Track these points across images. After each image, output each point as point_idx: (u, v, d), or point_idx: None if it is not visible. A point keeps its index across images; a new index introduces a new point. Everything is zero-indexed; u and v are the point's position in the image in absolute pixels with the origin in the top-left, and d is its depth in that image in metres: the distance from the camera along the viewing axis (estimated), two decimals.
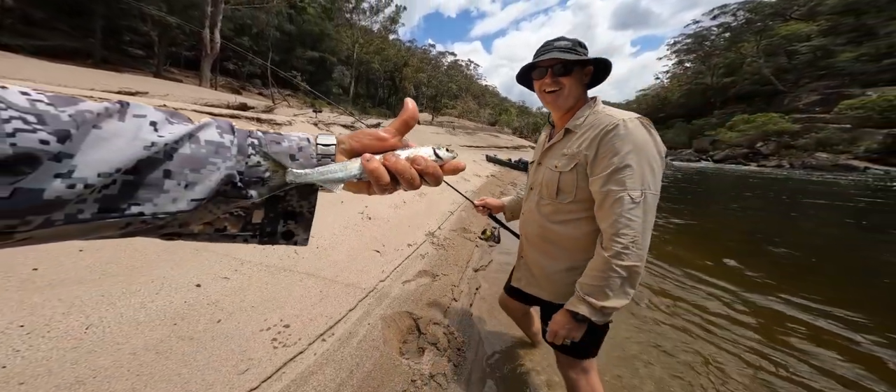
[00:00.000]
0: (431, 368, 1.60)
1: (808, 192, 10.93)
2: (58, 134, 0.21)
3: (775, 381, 1.81)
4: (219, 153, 0.30)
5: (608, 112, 0.98)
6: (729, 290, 2.96)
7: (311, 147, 0.35)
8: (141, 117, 0.26)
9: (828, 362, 1.99)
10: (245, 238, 0.35)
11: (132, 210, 0.25)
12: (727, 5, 46.05)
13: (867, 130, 22.01)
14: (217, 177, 0.29)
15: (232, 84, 26.29)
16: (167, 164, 0.27)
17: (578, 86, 1.03)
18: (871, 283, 3.35)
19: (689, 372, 1.83)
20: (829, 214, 7.31)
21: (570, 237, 1.04)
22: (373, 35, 47.00)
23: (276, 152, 0.33)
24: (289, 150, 0.34)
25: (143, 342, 1.28)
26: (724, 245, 4.49)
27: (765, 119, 29.78)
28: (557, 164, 1.04)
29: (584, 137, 0.98)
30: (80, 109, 0.23)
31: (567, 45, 1.02)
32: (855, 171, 18.21)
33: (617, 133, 0.90)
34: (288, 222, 0.37)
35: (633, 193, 0.88)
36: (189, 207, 0.28)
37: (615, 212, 0.89)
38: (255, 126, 5.56)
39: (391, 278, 2.33)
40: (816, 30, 34.82)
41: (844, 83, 30.52)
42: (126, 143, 0.24)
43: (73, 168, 0.22)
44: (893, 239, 5.25)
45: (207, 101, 6.54)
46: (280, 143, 0.34)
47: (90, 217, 0.24)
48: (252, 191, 0.32)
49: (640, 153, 0.89)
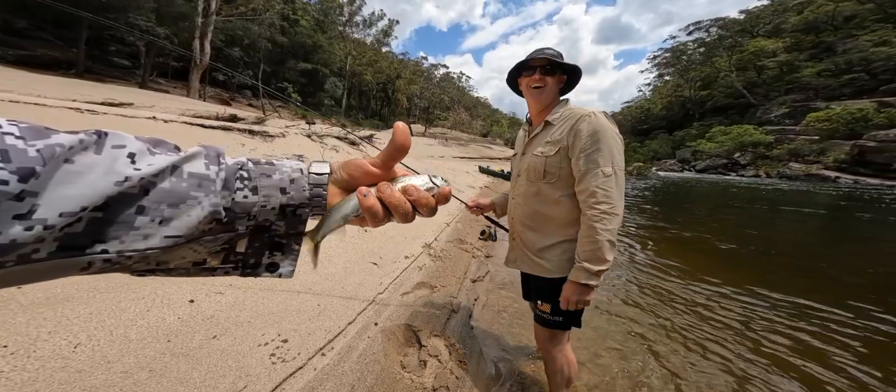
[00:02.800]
0: (434, 381, 1.59)
1: (785, 200, 11.44)
2: (20, 172, 0.20)
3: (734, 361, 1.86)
4: (202, 187, 0.28)
5: (579, 108, 1.19)
6: (711, 288, 3.05)
7: (303, 178, 0.33)
8: (119, 148, 0.25)
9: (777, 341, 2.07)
10: (226, 271, 0.33)
11: (95, 248, 0.23)
12: (701, 21, 48.76)
13: (835, 142, 23.42)
14: (198, 213, 0.27)
15: (221, 95, 26.00)
16: (142, 199, 0.25)
17: (556, 87, 1.24)
18: (839, 280, 3.52)
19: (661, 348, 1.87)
20: (806, 222, 7.66)
21: (555, 215, 1.20)
22: (366, 47, 47.57)
23: (266, 186, 0.31)
24: (279, 182, 0.32)
25: (135, 360, 1.23)
26: (710, 249, 4.65)
27: (740, 131, 31.30)
28: (543, 150, 1.21)
29: (564, 126, 1.17)
30: (50, 143, 0.21)
31: (554, 54, 1.23)
32: (827, 181, 19.21)
33: (589, 122, 1.11)
34: (273, 254, 0.34)
35: (606, 169, 1.08)
36: (162, 245, 0.26)
37: (592, 185, 1.08)
38: (247, 138, 5.49)
39: (389, 291, 2.31)
40: (781, 46, 37.26)
41: (810, 97, 32.59)
42: (97, 178, 0.23)
43: (34, 208, 0.20)
44: (859, 247, 5.52)
45: (196, 113, 6.44)
46: (271, 175, 0.32)
47: (46, 256, 0.22)
48: (239, 225, 0.30)
49: (608, 137, 1.10)
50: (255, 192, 0.31)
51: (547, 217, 1.22)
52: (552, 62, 1.19)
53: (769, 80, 38.61)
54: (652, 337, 2.25)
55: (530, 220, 1.26)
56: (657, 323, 2.46)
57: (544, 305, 1.26)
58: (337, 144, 7.33)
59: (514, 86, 1.34)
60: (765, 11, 44.95)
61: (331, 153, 6.52)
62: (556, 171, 1.17)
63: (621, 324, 2.42)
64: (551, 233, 1.21)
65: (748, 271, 3.78)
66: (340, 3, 41.97)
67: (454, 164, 14.52)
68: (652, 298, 2.93)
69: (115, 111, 5.31)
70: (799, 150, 25.37)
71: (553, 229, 1.21)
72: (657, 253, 4.41)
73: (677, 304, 2.82)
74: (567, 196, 1.17)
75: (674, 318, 2.55)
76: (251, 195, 0.30)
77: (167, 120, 5.20)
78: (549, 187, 1.20)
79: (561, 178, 1.17)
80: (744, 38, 43.65)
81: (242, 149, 4.82)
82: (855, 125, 22.50)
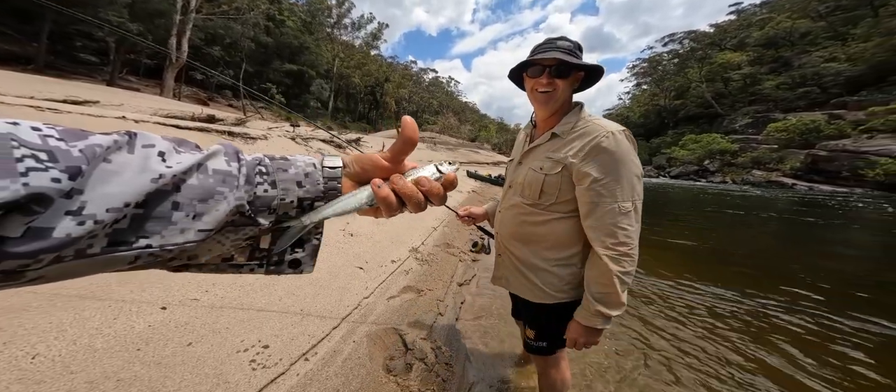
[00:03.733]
0: (420, 385, 1.58)
1: (750, 206, 12.20)
2: (69, 170, 0.21)
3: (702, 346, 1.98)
4: (226, 182, 0.29)
5: (596, 121, 0.99)
6: (684, 284, 3.21)
7: (317, 172, 0.35)
8: (149, 148, 0.26)
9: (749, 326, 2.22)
10: (252, 268, 0.35)
11: (140, 243, 0.25)
12: (675, 33, 51.98)
13: (791, 151, 25.27)
14: (225, 207, 0.28)
15: (199, 95, 24.96)
16: (175, 195, 0.26)
17: (570, 90, 1.02)
18: (798, 277, 3.81)
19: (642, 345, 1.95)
20: (768, 225, 8.23)
21: (547, 236, 1.06)
22: (354, 50, 47.10)
23: (284, 180, 0.33)
24: (295, 176, 0.34)
25: (101, 370, 1.15)
26: (685, 249, 4.90)
27: (709, 139, 33.18)
28: (543, 166, 1.03)
29: (574, 145, 0.97)
30: (90, 143, 0.23)
31: (568, 47, 0.98)
32: (785, 188, 20.65)
33: (607, 146, 0.92)
34: (295, 250, 0.36)
35: (625, 205, 0.92)
36: (197, 238, 0.27)
37: (609, 221, 0.92)
38: (226, 140, 5.30)
39: (375, 295, 2.28)
40: (745, 60, 40.02)
41: (770, 108, 35.11)
42: (135, 176, 0.24)
43: (83, 204, 0.21)
44: (808, 248, 5.98)
45: (170, 113, 6.15)
46: (287, 169, 0.34)
47: (99, 251, 0.23)
48: (261, 218, 0.32)
49: (629, 165, 0.93)
50: (274, 186, 0.32)
51: (538, 237, 1.07)
52: (564, 63, 0.96)
53: (734, 92, 41.30)
54: (640, 343, 2.33)
55: (519, 238, 1.12)
56: (649, 331, 2.55)
57: (529, 331, 1.16)
58: (322, 147, 7.18)
59: (518, 81, 1.10)
60: (731, 26, 48.22)
61: (317, 156, 6.40)
62: (555, 193, 1.00)
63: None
64: (542, 254, 1.07)
65: (725, 270, 4.01)
66: (329, 4, 41.49)
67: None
68: (646, 306, 3.04)
69: (79, 110, 5.00)
70: (761, 158, 27.17)
71: (544, 251, 1.07)
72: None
73: (675, 311, 2.94)
74: (561, 219, 1.03)
75: (663, 323, 2.66)
76: (271, 189, 0.32)
77: (138, 120, 4.93)
78: (544, 207, 1.04)
79: (560, 202, 1.01)
80: (713, 51, 46.56)
81: None
82: (808, 135, 24.39)
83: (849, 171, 19.75)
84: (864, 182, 18.27)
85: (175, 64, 18.22)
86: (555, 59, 0.95)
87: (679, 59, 51.48)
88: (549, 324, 1.10)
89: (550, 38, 1.03)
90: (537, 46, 1.02)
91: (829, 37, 35.74)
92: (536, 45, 1.03)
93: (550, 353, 1.15)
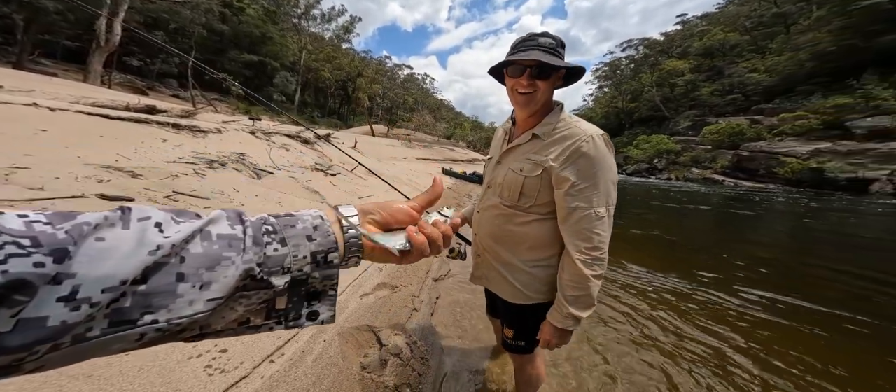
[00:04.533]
0: (396, 380, 1.54)
1: (689, 199, 13.71)
2: (54, 253, 0.20)
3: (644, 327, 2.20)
4: (232, 246, 0.28)
5: (576, 124, 0.98)
6: (635, 272, 3.52)
7: (325, 224, 0.34)
8: (145, 220, 0.25)
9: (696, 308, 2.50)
10: (270, 327, 0.33)
11: (145, 320, 0.24)
12: (632, 40, 56.44)
13: (721, 151, 28.67)
14: (234, 272, 0.27)
15: (135, 83, 22.16)
16: (179, 266, 0.25)
17: (551, 90, 0.99)
18: (730, 260, 4.36)
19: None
20: (704, 215, 9.34)
21: (525, 237, 1.06)
22: (324, 43, 44.79)
23: (293, 236, 0.32)
24: (304, 231, 0.33)
25: (15, 387, 0.97)
26: (636, 238, 5.36)
27: (658, 140, 36.55)
28: (523, 168, 1.02)
29: (554, 148, 0.97)
30: (77, 223, 0.22)
31: (550, 45, 0.94)
32: (717, 184, 23.43)
33: (587, 151, 0.93)
34: (311, 303, 0.34)
35: (599, 210, 0.94)
36: (207, 309, 0.26)
37: (584, 227, 0.94)
38: (170, 132, 4.73)
39: (348, 293, 2.19)
40: (687, 67, 44.64)
41: (706, 113, 39.52)
42: (131, 251, 0.23)
43: (76, 288, 0.20)
44: (739, 234, 6.88)
45: (96, 101, 5.34)
46: (294, 225, 0.33)
47: (100, 334, 0.22)
48: (275, 279, 0.30)
49: (606, 171, 0.94)
50: (283, 244, 0.31)
51: (516, 238, 1.08)
52: (545, 65, 0.92)
53: (678, 96, 45.84)
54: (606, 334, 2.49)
55: (497, 239, 1.12)
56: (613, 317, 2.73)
57: (508, 331, 1.18)
58: (287, 142, 6.72)
59: (499, 76, 1.07)
60: (678, 35, 53.40)
61: (280, 151, 5.96)
62: (534, 196, 1.01)
63: None
64: (520, 255, 1.08)
65: (668, 254, 4.43)
66: None
67: (417, 165, 14.40)
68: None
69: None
70: (698, 157, 30.50)
71: (522, 252, 1.08)
72: None
73: (628, 293, 3.17)
74: (540, 220, 1.04)
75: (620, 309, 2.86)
76: (281, 247, 0.31)
77: (54, 108, 4.24)
78: (523, 208, 1.04)
79: (539, 203, 1.02)
80: (662, 58, 51.18)
81: (164, 144, 4.14)
82: (735, 138, 27.86)
83: (765, 169, 22.88)
84: (776, 179, 21.28)
85: (104, 47, 15.96)
86: (535, 60, 0.91)
87: (635, 65, 55.93)
88: (527, 323, 1.11)
89: (532, 34, 0.97)
90: (518, 42, 0.98)
91: (752, 50, 40.98)
92: (518, 40, 0.98)
93: (529, 352, 1.16)
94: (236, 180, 3.87)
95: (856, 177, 17.42)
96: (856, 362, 2.12)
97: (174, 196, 2.77)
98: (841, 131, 21.24)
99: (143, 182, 2.83)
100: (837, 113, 22.06)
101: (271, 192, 3.94)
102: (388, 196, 5.85)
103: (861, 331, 2.57)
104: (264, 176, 4.41)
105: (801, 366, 2.03)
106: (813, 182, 18.96)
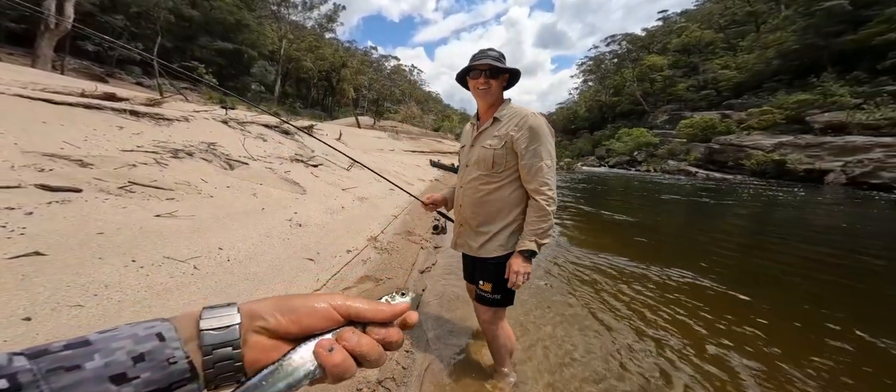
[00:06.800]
0: (379, 373, 1.49)
1: (664, 190, 14.35)
2: None
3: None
4: None
5: (522, 108, 1.38)
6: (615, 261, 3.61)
7: (163, 347, 0.22)
8: None
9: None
10: None
11: None
12: (615, 35, 57.38)
13: (695, 144, 30.04)
14: None
15: (92, 69, 20.39)
16: None
17: (500, 87, 1.39)
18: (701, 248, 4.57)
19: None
20: (678, 204, 9.82)
21: (500, 199, 1.38)
22: (306, 32, 42.82)
23: (71, 384, 0.19)
24: (107, 370, 0.20)
25: None
26: (614, 227, 5.53)
27: (638, 133, 37.83)
28: (492, 143, 1.36)
29: (509, 124, 1.34)
30: None
31: (496, 56, 1.37)
32: (690, 175, 24.62)
33: (533, 123, 1.31)
34: None
35: (547, 162, 1.31)
36: None
37: (540, 176, 1.30)
38: (128, 120, 4.33)
39: (328, 287, 2.11)
40: (666, 63, 46.14)
41: (682, 107, 41.16)
42: None
43: None
44: (709, 223, 7.28)
45: (47, 87, 4.82)
46: (81, 365, 0.19)
47: None
48: None
49: (547, 134, 1.33)
50: None
51: (493, 202, 1.39)
52: (494, 67, 1.33)
53: (657, 91, 47.43)
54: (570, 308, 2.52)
55: (477, 206, 1.42)
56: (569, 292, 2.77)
57: (486, 285, 1.41)
58: (264, 132, 6.35)
59: (463, 83, 1.47)
60: (659, 31, 54.84)
61: (256, 142, 5.63)
62: (503, 162, 1.35)
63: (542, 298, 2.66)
64: (495, 217, 1.39)
65: (643, 240, 4.58)
66: None
67: (405, 158, 14.18)
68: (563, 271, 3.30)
69: None
70: (674, 150, 31.82)
71: (497, 214, 1.39)
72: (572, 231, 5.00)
73: (590, 275, 3.23)
74: (510, 183, 1.37)
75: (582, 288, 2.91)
76: None
77: None
78: (495, 176, 1.37)
79: (506, 169, 1.35)
80: (643, 53, 52.53)
81: (120, 132, 3.78)
82: (707, 131, 29.21)
83: (733, 161, 24.17)
84: (743, 170, 22.54)
85: (54, 30, 14.51)
86: (487, 64, 1.32)
87: (618, 60, 57.12)
88: (502, 275, 1.35)
89: (483, 49, 1.39)
90: (474, 55, 1.39)
91: (725, 47, 42.80)
92: (474, 55, 1.39)
93: (502, 306, 1.43)
94: (204, 170, 3.62)
95: (813, 168, 18.66)
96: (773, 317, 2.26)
97: (130, 187, 2.55)
98: (801, 126, 22.67)
99: (94, 172, 2.58)
100: (799, 108, 23.47)
101: (245, 184, 3.73)
102: (371, 188, 5.69)
103: (769, 308, 2.75)
104: (238, 166, 4.16)
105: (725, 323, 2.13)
106: (775, 173, 20.19)
